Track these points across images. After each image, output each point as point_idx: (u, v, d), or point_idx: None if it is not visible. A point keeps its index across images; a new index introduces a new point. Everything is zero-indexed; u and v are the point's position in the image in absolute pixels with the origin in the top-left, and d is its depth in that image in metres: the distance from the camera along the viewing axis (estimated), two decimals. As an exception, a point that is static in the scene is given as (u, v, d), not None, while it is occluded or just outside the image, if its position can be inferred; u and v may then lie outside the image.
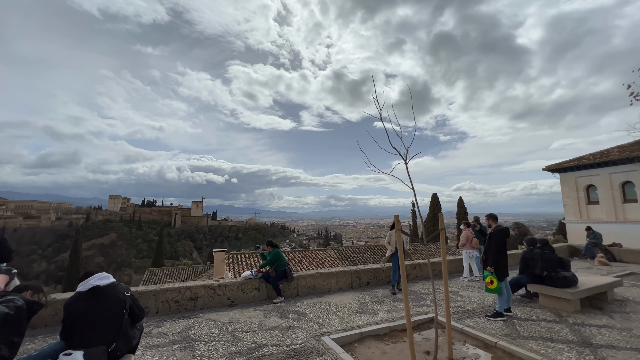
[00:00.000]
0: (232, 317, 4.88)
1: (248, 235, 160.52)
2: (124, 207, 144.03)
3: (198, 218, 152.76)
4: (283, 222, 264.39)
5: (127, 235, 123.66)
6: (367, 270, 7.16)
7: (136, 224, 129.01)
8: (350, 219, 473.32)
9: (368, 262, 18.32)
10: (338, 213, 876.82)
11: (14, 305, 2.09)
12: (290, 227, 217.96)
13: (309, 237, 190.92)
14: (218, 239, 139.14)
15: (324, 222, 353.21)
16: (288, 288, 6.10)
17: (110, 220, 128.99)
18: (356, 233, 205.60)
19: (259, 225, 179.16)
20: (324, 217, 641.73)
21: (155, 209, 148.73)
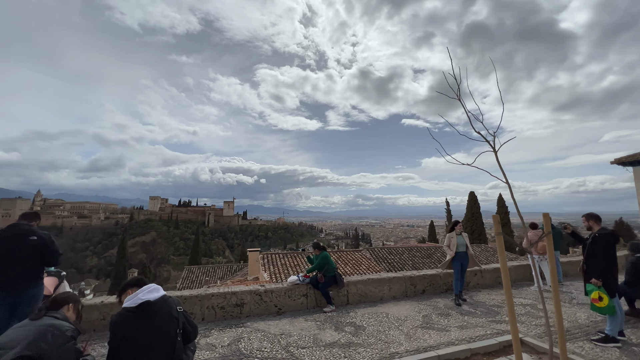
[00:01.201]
0: (283, 327, 4.41)
1: (277, 235, 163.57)
2: (163, 207, 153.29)
3: (230, 217, 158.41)
4: (310, 221, 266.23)
5: (165, 233, 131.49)
6: (423, 277, 6.40)
7: (173, 223, 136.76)
8: (378, 218, 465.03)
9: (406, 265, 17.30)
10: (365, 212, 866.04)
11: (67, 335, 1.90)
12: (318, 226, 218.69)
13: (337, 236, 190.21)
14: (249, 238, 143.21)
15: (351, 222, 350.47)
16: (338, 295, 5.54)
17: (150, 219, 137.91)
18: (384, 233, 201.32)
19: (288, 225, 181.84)
20: (351, 216, 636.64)
21: (190, 209, 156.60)
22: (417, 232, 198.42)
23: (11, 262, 2.93)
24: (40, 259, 3.08)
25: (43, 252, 3.08)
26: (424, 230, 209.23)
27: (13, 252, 2.94)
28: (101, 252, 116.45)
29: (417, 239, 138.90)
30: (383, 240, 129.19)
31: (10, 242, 2.95)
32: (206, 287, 17.46)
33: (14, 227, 3.02)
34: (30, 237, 3.02)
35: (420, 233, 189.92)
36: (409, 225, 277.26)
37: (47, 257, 3.12)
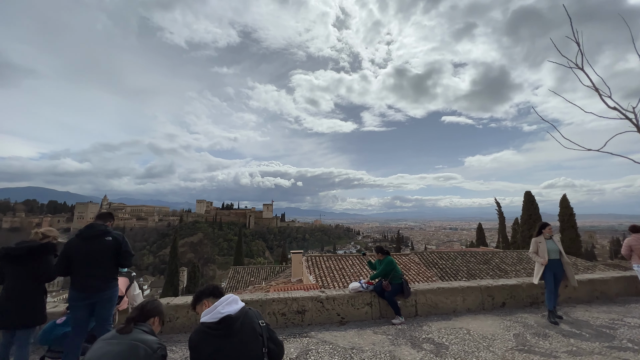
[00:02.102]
0: (351, 340, 3.98)
1: (314, 237, 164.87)
2: (208, 210, 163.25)
3: (269, 220, 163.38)
4: (347, 223, 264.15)
5: (211, 234, 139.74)
6: (502, 287, 5.54)
7: (218, 225, 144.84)
8: (418, 221, 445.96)
9: (460, 271, 15.90)
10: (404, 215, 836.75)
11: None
12: (355, 229, 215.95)
13: (375, 239, 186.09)
14: (287, 240, 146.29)
15: (389, 224, 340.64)
16: (405, 305, 4.97)
17: (197, 221, 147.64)
18: (425, 236, 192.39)
19: (324, 227, 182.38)
20: (389, 218, 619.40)
21: (232, 212, 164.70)
22: (462, 236, 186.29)
23: (91, 263, 2.91)
24: (114, 259, 3.03)
25: (117, 253, 3.03)
26: (469, 233, 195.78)
27: (92, 252, 2.92)
28: (156, 251, 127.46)
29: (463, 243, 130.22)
30: (425, 244, 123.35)
31: (89, 242, 2.94)
32: (252, 288, 17.61)
33: (91, 227, 3.01)
34: (106, 237, 2.99)
35: (465, 236, 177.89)
36: (451, 228, 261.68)
37: (121, 258, 3.07)
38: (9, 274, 2.81)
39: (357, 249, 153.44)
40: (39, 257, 2.85)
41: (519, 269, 16.41)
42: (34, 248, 2.83)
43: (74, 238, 2.96)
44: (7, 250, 2.77)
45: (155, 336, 1.83)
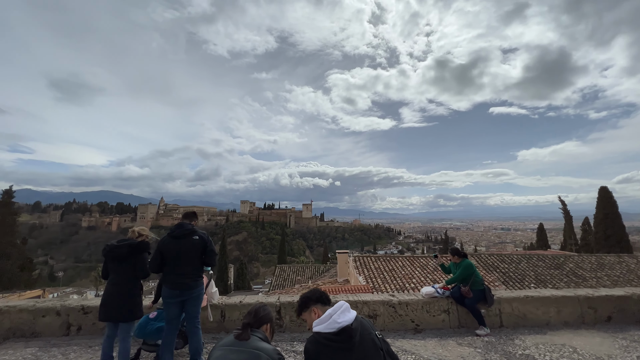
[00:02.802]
0: (434, 351, 3.62)
1: (354, 236, 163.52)
2: (251, 210, 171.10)
3: (308, 219, 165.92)
4: (387, 223, 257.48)
5: (254, 233, 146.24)
6: (606, 299, 4.70)
7: (260, 224, 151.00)
8: (464, 220, 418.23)
9: (527, 276, 14.31)
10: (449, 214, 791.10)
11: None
12: (396, 228, 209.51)
13: (417, 239, 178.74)
14: (326, 239, 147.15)
15: (432, 224, 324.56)
16: (488, 315, 4.44)
17: (242, 221, 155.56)
18: (473, 237, 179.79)
19: (364, 227, 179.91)
20: (432, 218, 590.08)
21: (274, 212, 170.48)
22: (516, 237, 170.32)
23: (181, 261, 3.00)
24: (201, 258, 3.09)
25: (204, 252, 3.09)
26: (524, 234, 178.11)
27: (182, 250, 3.00)
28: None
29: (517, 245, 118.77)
30: (474, 245, 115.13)
31: (179, 240, 3.03)
32: (299, 286, 17.77)
33: (180, 226, 3.11)
34: (193, 236, 3.06)
35: (520, 237, 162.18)
36: (503, 228, 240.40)
37: (207, 257, 3.12)
38: (112, 270, 3.02)
39: (398, 249, 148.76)
40: (137, 254, 3.00)
41: (600, 276, 14.29)
42: (133, 246, 3.00)
43: (166, 237, 3.08)
44: (111, 247, 2.97)
45: (270, 344, 1.73)
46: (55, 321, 3.99)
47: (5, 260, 29.11)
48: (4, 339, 3.85)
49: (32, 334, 3.94)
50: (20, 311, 3.97)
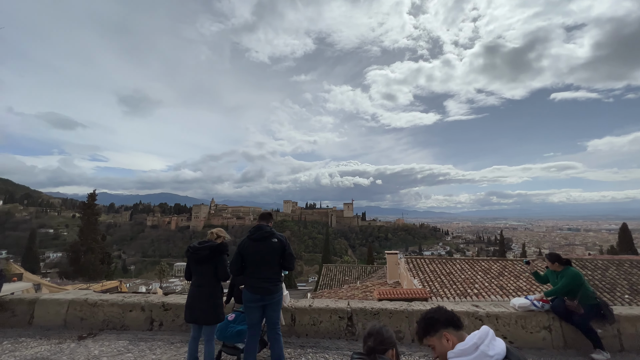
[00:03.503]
0: (544, 377, 3.05)
1: (397, 236, 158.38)
2: (294, 210, 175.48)
3: (350, 219, 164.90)
4: (433, 222, 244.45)
5: (297, 232, 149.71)
6: None
7: (303, 224, 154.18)
8: (522, 219, 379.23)
9: (619, 285, 12.14)
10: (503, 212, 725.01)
11: None
12: (443, 228, 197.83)
13: (467, 240, 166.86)
14: (369, 239, 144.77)
15: (484, 224, 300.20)
16: (605, 335, 3.68)
17: (285, 220, 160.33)
18: (533, 238, 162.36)
19: (408, 226, 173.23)
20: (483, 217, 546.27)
21: (315, 211, 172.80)
22: (587, 238, 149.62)
23: (262, 264, 2.91)
24: (280, 261, 2.97)
25: (283, 255, 2.96)
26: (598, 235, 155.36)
27: (262, 253, 2.92)
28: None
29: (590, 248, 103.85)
30: (536, 248, 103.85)
31: (258, 243, 2.94)
32: (347, 287, 17.39)
33: (259, 228, 3.03)
34: (272, 239, 2.95)
35: (592, 239, 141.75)
36: (570, 228, 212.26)
37: (285, 261, 2.99)
38: (195, 271, 3.03)
39: (446, 250, 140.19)
40: (217, 256, 2.98)
41: None
42: (214, 248, 2.98)
43: (245, 239, 3.02)
44: (194, 249, 2.98)
45: None
46: (141, 316, 4.24)
47: (90, 254, 33.66)
48: (99, 329, 4.19)
49: (121, 326, 4.23)
50: (112, 305, 4.30)
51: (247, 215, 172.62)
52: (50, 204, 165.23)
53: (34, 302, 4.37)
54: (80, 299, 4.38)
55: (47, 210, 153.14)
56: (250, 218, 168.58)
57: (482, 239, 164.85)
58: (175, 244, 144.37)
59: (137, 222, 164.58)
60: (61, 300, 4.38)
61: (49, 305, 4.36)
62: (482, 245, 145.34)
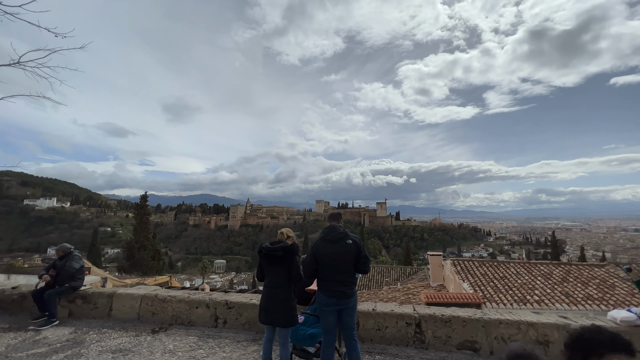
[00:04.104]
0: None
1: (434, 237, 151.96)
2: (326, 209, 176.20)
3: (383, 218, 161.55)
4: (473, 222, 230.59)
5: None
6: None
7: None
8: (577, 219, 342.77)
9: None
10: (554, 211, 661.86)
11: None
12: (484, 228, 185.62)
13: (512, 241, 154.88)
14: (403, 239, 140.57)
15: (531, 224, 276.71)
16: None
17: (318, 219, 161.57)
18: (591, 239, 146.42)
19: (445, 226, 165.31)
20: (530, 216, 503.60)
21: (347, 210, 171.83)
22: None
23: (336, 267, 2.80)
24: (354, 264, 2.83)
25: (357, 257, 2.82)
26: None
27: (337, 256, 2.81)
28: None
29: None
30: (598, 251, 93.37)
31: (333, 245, 2.85)
32: (388, 288, 16.81)
33: (333, 229, 2.93)
34: (347, 240, 2.83)
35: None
36: (637, 229, 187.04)
37: (360, 263, 2.84)
38: (268, 272, 3.00)
39: (488, 252, 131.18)
40: (290, 257, 2.93)
41: None
42: (287, 248, 2.93)
43: (319, 240, 2.93)
44: (267, 249, 2.95)
45: None
46: (206, 313, 4.38)
47: (143, 251, 36.69)
48: (169, 324, 4.40)
49: (189, 322, 4.41)
50: (179, 301, 4.49)
51: (281, 214, 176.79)
52: (107, 205, 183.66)
53: (112, 296, 4.72)
54: (151, 295, 4.64)
55: (105, 211, 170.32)
56: (284, 218, 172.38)
57: (530, 240, 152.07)
58: (215, 242, 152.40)
59: (180, 221, 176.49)
60: (135, 295, 4.68)
61: (125, 299, 4.68)
62: (530, 247, 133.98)
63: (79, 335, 4.00)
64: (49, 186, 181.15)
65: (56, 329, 4.19)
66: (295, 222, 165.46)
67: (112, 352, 3.54)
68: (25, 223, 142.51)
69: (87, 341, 3.82)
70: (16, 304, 4.85)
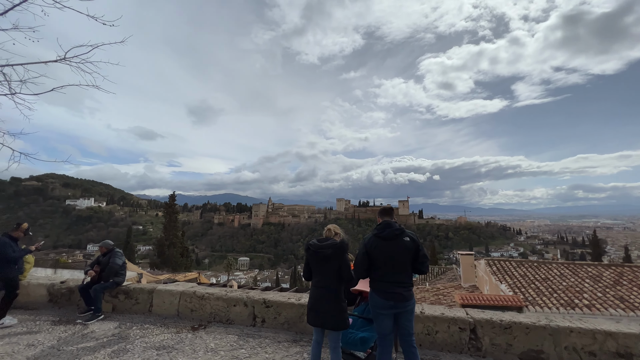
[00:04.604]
0: None
1: (459, 235, 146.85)
2: (347, 208, 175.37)
3: (405, 217, 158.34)
4: (502, 221, 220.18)
5: (351, 231, 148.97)
6: None
7: (356, 222, 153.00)
8: (619, 217, 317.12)
9: None
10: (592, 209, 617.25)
11: None
12: (514, 227, 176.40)
13: (545, 241, 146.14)
14: (427, 238, 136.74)
15: (567, 222, 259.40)
16: None
17: (339, 218, 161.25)
18: (637, 239, 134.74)
19: (471, 225, 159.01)
20: (565, 214, 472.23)
21: (369, 209, 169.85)
22: None
23: (393, 266, 2.58)
24: (412, 263, 2.59)
25: (415, 256, 2.58)
26: None
27: (393, 254, 2.60)
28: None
29: None
30: None
31: (388, 242, 2.63)
32: (415, 288, 16.23)
33: (389, 225, 2.71)
34: (404, 237, 2.60)
35: None
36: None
37: (418, 263, 2.59)
38: (317, 271, 2.83)
39: (519, 252, 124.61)
40: (341, 255, 2.73)
41: None
42: (337, 246, 2.73)
43: (372, 237, 2.71)
44: (316, 247, 2.77)
45: None
46: (244, 311, 4.31)
47: (172, 248, 38.25)
48: (207, 322, 4.38)
49: (227, 320, 4.35)
50: (217, 299, 4.45)
51: (302, 213, 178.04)
52: (139, 205, 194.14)
53: (152, 292, 4.78)
54: (189, 292, 4.65)
55: (137, 210, 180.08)
56: (305, 216, 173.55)
57: (566, 239, 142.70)
58: (239, 240, 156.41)
59: (206, 220, 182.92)
60: (174, 291, 4.70)
61: (164, 296, 4.72)
62: (565, 246, 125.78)
63: (123, 331, 4.05)
64: (87, 187, 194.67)
65: (102, 324, 4.29)
66: (317, 220, 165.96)
67: (156, 348, 3.53)
68: (67, 222, 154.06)
69: (131, 336, 3.86)
70: (65, 297, 5.05)
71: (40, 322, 4.34)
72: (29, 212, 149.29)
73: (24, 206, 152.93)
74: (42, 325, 4.19)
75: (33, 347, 3.50)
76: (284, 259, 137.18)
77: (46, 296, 5.09)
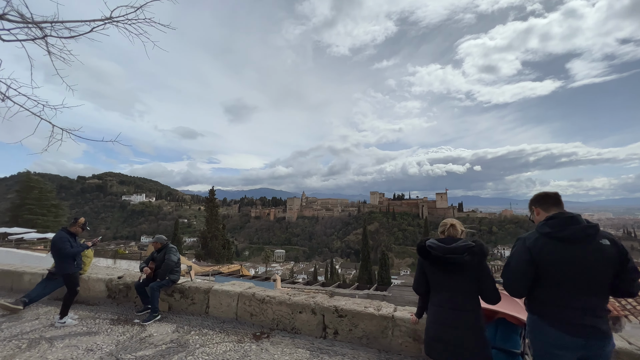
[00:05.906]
0: None
1: (505, 230, 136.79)
2: (381, 201, 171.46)
3: (444, 210, 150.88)
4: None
5: (385, 224, 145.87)
6: None
7: (391, 215, 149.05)
8: None
9: None
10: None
11: None
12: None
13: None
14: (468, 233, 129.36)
15: (634, 215, 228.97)
16: None
17: (373, 211, 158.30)
18: None
19: (518, 218, 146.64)
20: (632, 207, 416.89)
21: (404, 202, 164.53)
22: None
23: (584, 285, 1.68)
24: (612, 280, 1.69)
25: (621, 270, 1.66)
26: None
27: (583, 266, 1.69)
28: (342, 237, 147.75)
29: None
30: None
31: (574, 248, 1.72)
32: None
33: (574, 221, 1.74)
34: (599, 240, 1.69)
35: None
36: None
37: (624, 280, 1.66)
38: (442, 285, 2.01)
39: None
40: (479, 263, 1.91)
41: None
42: (474, 250, 1.92)
43: (542, 237, 1.78)
44: (444, 251, 1.93)
45: None
46: (312, 320, 3.69)
47: (214, 240, 39.95)
48: (270, 329, 3.84)
49: (292, 328, 3.78)
50: (280, 304, 3.89)
51: (335, 207, 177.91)
52: (183, 200, 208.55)
53: (208, 292, 4.38)
54: (247, 293, 4.15)
55: (182, 205, 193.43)
56: (338, 210, 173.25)
57: (634, 234, 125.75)
58: (274, 233, 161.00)
59: (243, 213, 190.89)
60: (231, 292, 4.25)
61: (221, 297, 4.28)
62: (633, 242, 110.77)
63: (181, 336, 3.66)
64: (139, 184, 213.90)
65: (159, 326, 3.95)
66: (350, 213, 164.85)
67: (220, 362, 3.04)
68: (124, 215, 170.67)
69: (190, 344, 3.43)
70: (122, 293, 4.87)
71: (99, 320, 4.14)
72: (92, 207, 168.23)
73: (89, 202, 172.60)
74: (101, 325, 3.96)
75: (92, 353, 3.20)
76: (319, 252, 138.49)
77: (105, 291, 4.95)
